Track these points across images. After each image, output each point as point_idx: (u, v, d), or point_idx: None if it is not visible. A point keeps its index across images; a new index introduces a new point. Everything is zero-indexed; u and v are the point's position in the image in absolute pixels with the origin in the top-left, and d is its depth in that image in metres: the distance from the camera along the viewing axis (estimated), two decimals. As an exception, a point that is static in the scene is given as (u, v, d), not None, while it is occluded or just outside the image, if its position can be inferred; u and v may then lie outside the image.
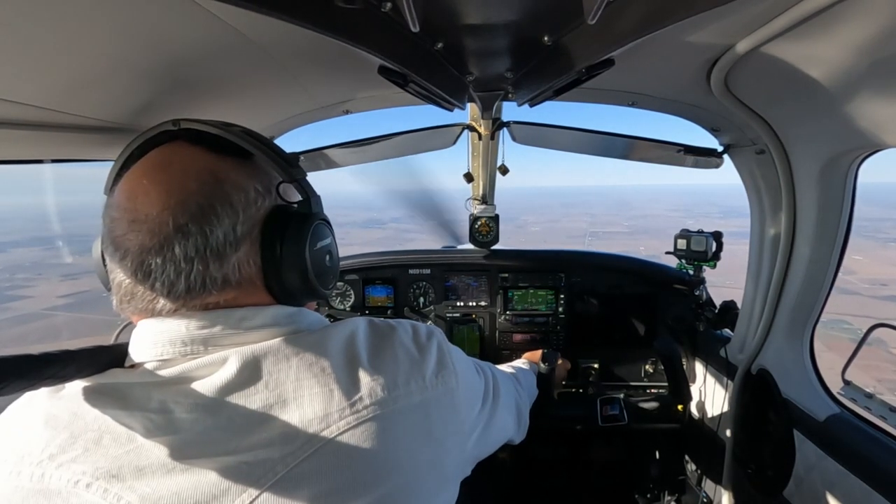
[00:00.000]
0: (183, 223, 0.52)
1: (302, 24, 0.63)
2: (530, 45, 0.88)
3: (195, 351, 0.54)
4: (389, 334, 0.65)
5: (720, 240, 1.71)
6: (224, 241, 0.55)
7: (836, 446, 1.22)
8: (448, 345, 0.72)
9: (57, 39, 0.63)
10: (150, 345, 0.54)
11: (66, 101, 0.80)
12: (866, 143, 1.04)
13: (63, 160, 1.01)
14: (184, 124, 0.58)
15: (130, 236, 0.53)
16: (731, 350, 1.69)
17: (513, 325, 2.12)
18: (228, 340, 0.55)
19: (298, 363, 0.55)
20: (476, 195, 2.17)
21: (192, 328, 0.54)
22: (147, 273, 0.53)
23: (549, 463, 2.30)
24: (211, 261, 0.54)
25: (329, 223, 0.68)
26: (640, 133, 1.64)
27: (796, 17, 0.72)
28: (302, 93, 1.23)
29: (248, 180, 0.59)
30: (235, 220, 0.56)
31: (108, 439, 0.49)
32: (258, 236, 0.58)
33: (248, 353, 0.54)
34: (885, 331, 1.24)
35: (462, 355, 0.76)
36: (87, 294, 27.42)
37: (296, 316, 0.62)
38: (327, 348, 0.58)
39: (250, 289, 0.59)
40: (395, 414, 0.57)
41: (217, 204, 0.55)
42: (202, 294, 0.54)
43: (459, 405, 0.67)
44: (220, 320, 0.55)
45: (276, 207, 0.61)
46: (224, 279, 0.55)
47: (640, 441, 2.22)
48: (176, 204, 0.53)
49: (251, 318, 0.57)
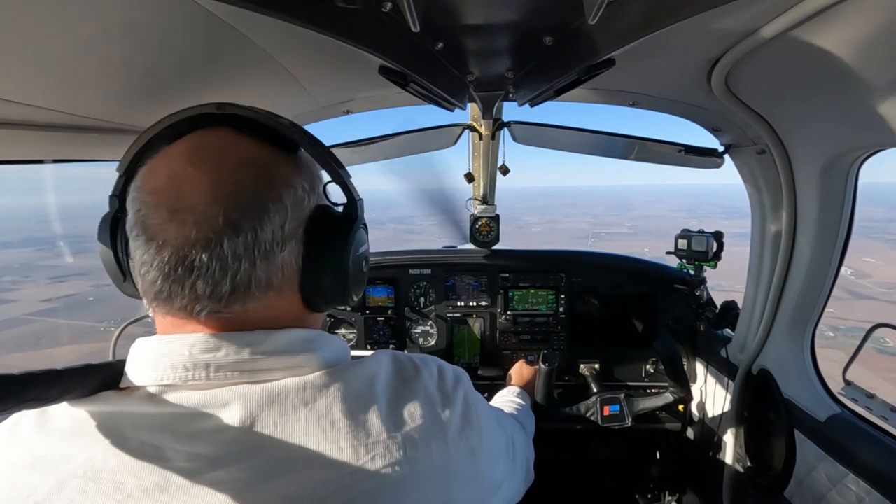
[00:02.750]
0: (235, 219, 0.48)
1: (302, 24, 0.63)
2: (531, 45, 0.88)
3: (197, 377, 0.49)
4: (414, 378, 0.60)
5: (721, 240, 1.72)
6: (272, 239, 0.51)
7: (836, 446, 1.22)
8: (474, 395, 0.66)
9: (57, 39, 0.63)
10: (151, 366, 0.50)
11: (66, 102, 0.80)
12: (867, 144, 1.03)
13: (63, 160, 1.01)
14: (229, 109, 0.54)
15: (171, 227, 0.47)
16: (732, 350, 1.69)
17: (513, 325, 2.12)
18: (232, 369, 0.50)
19: (307, 416, 0.50)
20: (477, 195, 2.17)
21: (196, 351, 0.50)
22: (189, 269, 0.48)
23: (550, 463, 2.30)
24: (259, 259, 0.50)
25: (367, 229, 0.65)
26: (640, 133, 1.64)
27: (797, 17, 0.72)
28: (302, 93, 1.23)
29: (297, 177, 0.55)
30: (284, 219, 0.52)
31: (93, 489, 0.45)
32: (302, 236, 0.55)
33: (253, 400, 0.49)
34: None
35: (486, 407, 0.70)
36: (71, 298, 26.84)
37: (314, 342, 0.57)
38: (342, 396, 0.52)
39: (287, 292, 0.55)
40: (411, 479, 0.51)
41: (269, 200, 0.51)
42: (246, 295, 0.50)
43: (481, 466, 0.61)
44: (226, 344, 0.51)
45: (321, 207, 0.57)
46: (268, 280, 0.52)
47: (641, 441, 2.21)
48: (226, 197, 0.48)
49: (260, 342, 0.52)
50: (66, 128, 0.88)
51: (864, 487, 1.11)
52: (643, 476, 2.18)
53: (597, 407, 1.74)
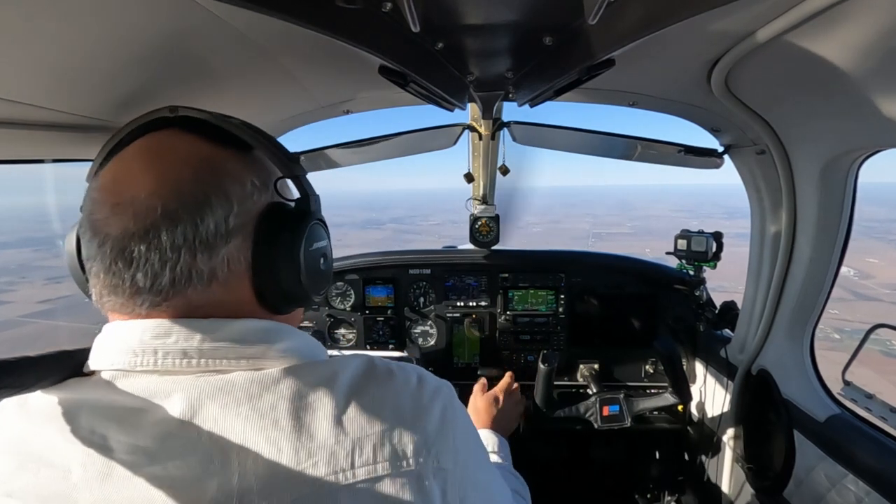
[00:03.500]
0: (173, 209, 0.48)
1: (302, 24, 0.63)
2: (531, 46, 0.88)
3: (145, 364, 0.49)
4: (383, 383, 0.55)
5: (720, 240, 1.72)
6: (215, 232, 0.50)
7: (836, 447, 1.22)
8: (456, 413, 0.59)
9: (57, 39, 0.63)
10: (106, 351, 0.51)
11: (66, 102, 0.80)
12: (867, 144, 1.04)
13: (63, 160, 1.01)
14: (181, 112, 0.55)
15: (113, 220, 0.48)
16: (732, 350, 1.69)
17: (513, 325, 2.12)
18: (181, 356, 0.49)
19: (249, 412, 0.47)
20: (476, 195, 2.17)
21: (147, 337, 0.49)
22: (129, 261, 0.48)
23: (550, 463, 2.30)
24: (199, 252, 0.49)
25: (326, 225, 0.65)
26: (640, 133, 1.64)
27: (797, 17, 0.72)
28: (302, 93, 1.23)
29: (246, 173, 0.55)
30: (229, 212, 0.52)
31: (45, 473, 0.46)
32: (251, 232, 0.54)
33: (195, 392, 0.48)
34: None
35: (470, 433, 0.63)
36: (68, 299, 26.52)
37: (272, 333, 0.54)
38: (291, 394, 0.49)
39: (236, 287, 0.54)
40: (355, 490, 0.47)
41: (211, 193, 0.51)
42: (186, 288, 0.50)
43: (450, 495, 0.53)
44: (177, 329, 0.50)
45: (273, 204, 0.57)
46: (211, 273, 0.51)
47: (641, 441, 2.21)
48: (166, 189, 0.49)
49: (213, 330, 0.51)
50: (66, 128, 0.88)
51: (864, 488, 1.11)
52: (643, 476, 2.18)
53: (596, 407, 1.74)
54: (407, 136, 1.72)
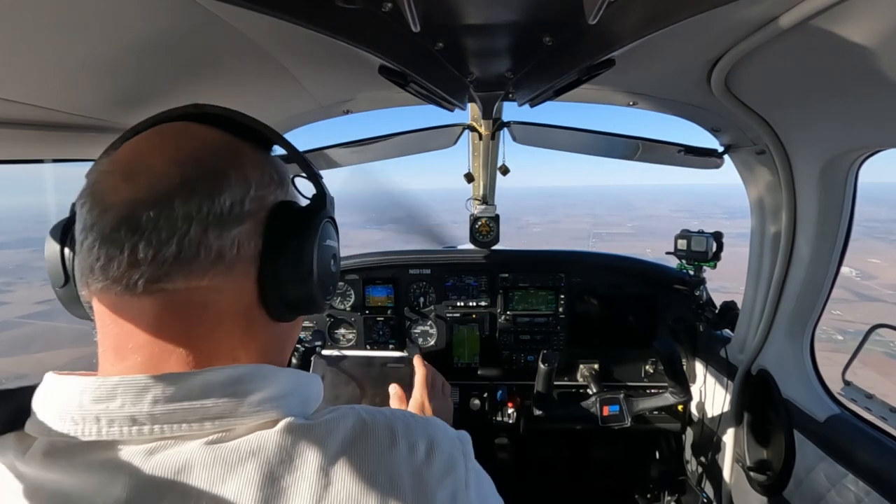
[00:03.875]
0: (192, 179, 0.45)
1: (302, 24, 0.63)
2: (531, 46, 0.88)
3: (87, 432, 0.41)
4: (384, 452, 0.45)
5: (720, 240, 1.72)
6: (230, 210, 0.46)
7: (836, 447, 1.22)
8: (470, 490, 0.48)
9: (58, 39, 0.63)
10: (43, 412, 0.43)
11: (66, 101, 0.80)
12: (866, 144, 1.04)
13: (64, 160, 1.01)
14: (206, 109, 0.53)
15: (123, 188, 0.44)
16: (732, 350, 1.69)
17: (513, 325, 2.12)
18: (129, 424, 0.41)
19: (210, 499, 0.39)
20: (476, 195, 2.17)
21: (87, 399, 0.42)
22: (133, 229, 0.42)
23: (550, 463, 2.30)
24: (211, 226, 0.45)
25: (337, 228, 0.62)
26: (640, 133, 1.64)
27: (796, 17, 0.72)
28: (302, 93, 1.23)
29: (265, 165, 0.53)
30: (246, 193, 0.48)
31: None
32: (264, 219, 0.50)
33: (143, 481, 0.39)
34: None
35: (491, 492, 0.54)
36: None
37: (241, 384, 0.45)
38: (262, 476, 0.40)
39: (240, 276, 0.49)
40: None
41: (231, 170, 0.48)
42: (191, 264, 0.45)
43: None
44: (121, 389, 0.42)
45: (288, 201, 0.55)
46: (219, 252, 0.46)
47: (641, 441, 2.22)
48: (186, 160, 0.46)
49: (168, 388, 0.42)
50: (66, 127, 0.88)
51: (864, 487, 1.11)
52: (643, 476, 2.19)
53: (596, 407, 1.74)
54: (407, 135, 1.72)
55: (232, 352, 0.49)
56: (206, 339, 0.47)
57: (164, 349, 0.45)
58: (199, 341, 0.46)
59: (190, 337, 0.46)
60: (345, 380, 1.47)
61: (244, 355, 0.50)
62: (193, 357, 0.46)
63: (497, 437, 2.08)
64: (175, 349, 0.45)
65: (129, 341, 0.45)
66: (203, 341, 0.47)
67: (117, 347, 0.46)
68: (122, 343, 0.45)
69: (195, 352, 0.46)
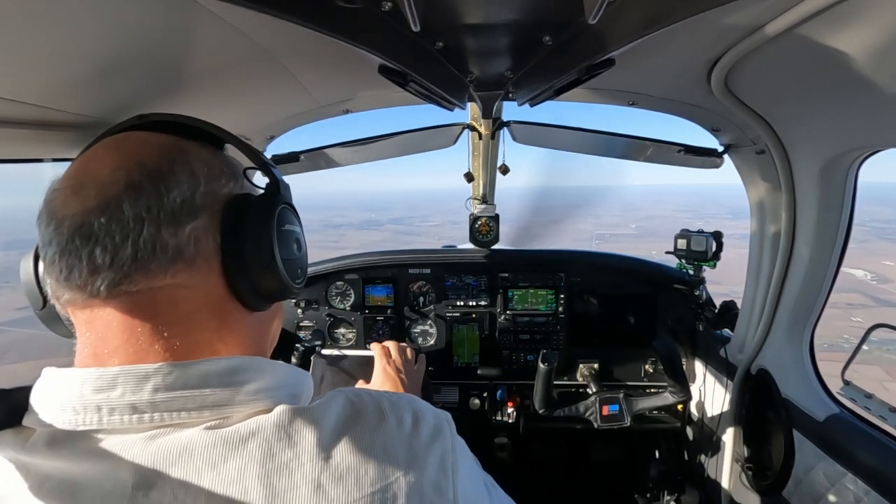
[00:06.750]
0: (136, 180, 0.46)
1: (302, 24, 0.63)
2: (531, 45, 0.88)
3: (88, 422, 0.42)
4: (375, 428, 0.48)
5: (720, 240, 1.72)
6: (181, 205, 0.47)
7: (835, 446, 1.23)
8: (457, 455, 0.51)
9: (57, 38, 0.63)
10: (42, 405, 0.44)
11: (66, 101, 0.80)
12: (866, 144, 1.04)
13: (63, 160, 1.01)
14: (150, 118, 0.54)
15: (72, 201, 0.45)
16: (731, 350, 1.69)
17: (513, 324, 2.12)
18: (130, 412, 0.43)
19: (213, 482, 0.41)
20: (476, 195, 2.17)
21: (87, 390, 0.43)
22: (87, 236, 0.44)
23: (549, 463, 2.30)
24: (164, 224, 0.46)
25: (297, 213, 0.62)
26: (640, 133, 1.64)
27: (796, 17, 0.72)
28: (302, 92, 1.23)
29: (215, 161, 0.53)
30: (196, 188, 0.49)
31: None
32: (219, 212, 0.50)
33: (149, 461, 0.41)
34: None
35: (472, 473, 0.56)
36: None
37: (237, 374, 0.47)
38: (262, 454, 0.42)
39: (205, 271, 0.49)
40: None
41: (177, 166, 0.48)
42: (150, 263, 0.45)
43: None
44: (122, 379, 0.43)
45: (243, 193, 0.55)
46: (176, 249, 0.46)
47: (640, 441, 2.22)
48: (130, 163, 0.47)
49: (167, 377, 0.44)
50: (67, 127, 0.88)
51: (863, 487, 1.11)
52: (642, 476, 2.19)
53: (596, 407, 1.74)
54: (407, 135, 1.72)
55: (210, 345, 0.50)
56: (181, 336, 0.48)
57: (139, 349, 0.46)
58: (174, 339, 0.47)
59: (164, 335, 0.47)
60: (345, 379, 1.47)
61: (223, 348, 0.51)
62: (171, 355, 0.47)
63: (497, 436, 2.08)
64: (150, 349, 0.46)
65: (104, 347, 0.46)
66: (178, 338, 0.47)
67: (95, 354, 0.46)
68: (99, 349, 0.46)
69: (170, 349, 0.47)
